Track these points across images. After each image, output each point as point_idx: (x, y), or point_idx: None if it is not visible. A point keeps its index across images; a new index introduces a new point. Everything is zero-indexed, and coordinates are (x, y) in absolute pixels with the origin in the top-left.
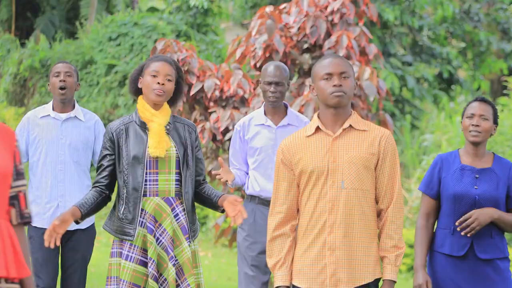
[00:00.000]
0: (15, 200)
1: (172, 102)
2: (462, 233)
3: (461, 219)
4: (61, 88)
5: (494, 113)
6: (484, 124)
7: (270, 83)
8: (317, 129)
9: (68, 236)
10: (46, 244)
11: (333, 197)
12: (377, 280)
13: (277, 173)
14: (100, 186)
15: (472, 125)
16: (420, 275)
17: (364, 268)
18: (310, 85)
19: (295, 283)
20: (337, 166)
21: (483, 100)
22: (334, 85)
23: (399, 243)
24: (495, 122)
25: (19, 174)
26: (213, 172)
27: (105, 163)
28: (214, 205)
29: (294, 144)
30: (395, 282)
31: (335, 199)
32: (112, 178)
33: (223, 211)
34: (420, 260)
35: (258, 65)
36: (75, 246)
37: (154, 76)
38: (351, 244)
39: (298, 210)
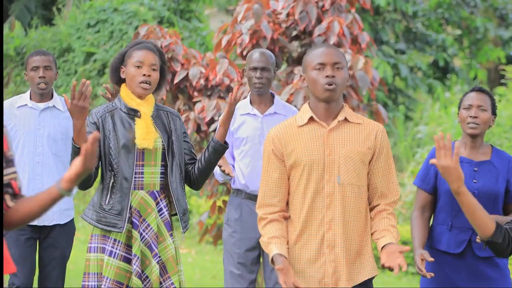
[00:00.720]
0: (9, 187)
1: (156, 89)
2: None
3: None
4: (41, 83)
5: (493, 104)
6: (482, 115)
7: (255, 69)
8: (310, 119)
9: (46, 232)
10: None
11: (330, 192)
12: (372, 278)
13: (267, 164)
14: None
15: (470, 116)
16: (417, 252)
17: (363, 265)
18: (300, 75)
19: None
20: (333, 160)
21: (480, 90)
22: (327, 76)
23: (394, 225)
24: (494, 113)
25: (8, 162)
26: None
27: None
28: (216, 149)
29: (285, 134)
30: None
31: (332, 195)
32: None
33: (225, 143)
34: (418, 241)
35: (244, 53)
36: (54, 243)
37: (138, 67)
38: (349, 242)
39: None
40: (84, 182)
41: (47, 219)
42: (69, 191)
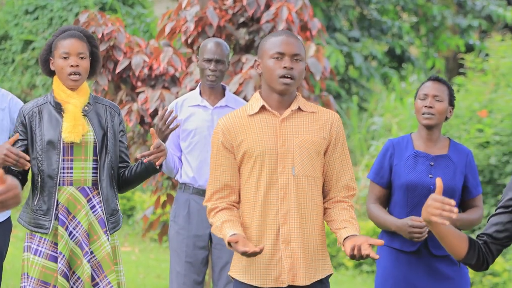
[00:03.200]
0: None
1: (90, 74)
2: (414, 239)
3: (417, 225)
4: None
5: (450, 94)
6: (438, 106)
7: (209, 61)
8: (262, 108)
9: None
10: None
11: (284, 184)
12: (329, 276)
13: (215, 156)
14: (10, 172)
15: (425, 106)
16: (404, 220)
17: (320, 261)
18: (255, 60)
19: (244, 280)
20: (287, 151)
21: (437, 79)
22: (285, 67)
23: (355, 217)
24: (451, 103)
25: None
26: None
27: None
28: (148, 169)
29: (235, 124)
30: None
31: (287, 187)
32: None
33: (160, 167)
34: (392, 218)
35: (189, 41)
36: None
37: (65, 58)
38: (306, 236)
39: (240, 199)
40: None
41: None
42: None
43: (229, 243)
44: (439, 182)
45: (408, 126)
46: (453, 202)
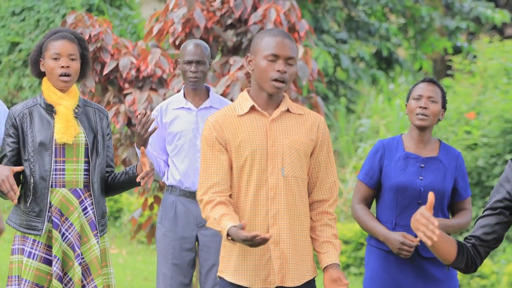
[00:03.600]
0: None
1: (80, 77)
2: (401, 255)
3: (408, 244)
4: None
5: (443, 96)
6: (432, 107)
7: (190, 62)
8: (251, 108)
9: None
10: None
11: (274, 184)
12: (314, 277)
13: (210, 152)
14: None
15: (420, 107)
16: (395, 234)
17: (308, 263)
18: (247, 56)
19: (232, 280)
20: (277, 151)
21: (431, 81)
22: (278, 71)
23: (337, 234)
24: (444, 106)
25: None
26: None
27: (8, 153)
28: (131, 181)
29: (225, 122)
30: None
31: (276, 187)
32: None
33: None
34: (382, 228)
35: (177, 42)
36: None
37: (56, 59)
38: (295, 237)
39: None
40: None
41: None
42: None
43: (228, 234)
44: (431, 196)
45: (396, 128)
46: (436, 223)
